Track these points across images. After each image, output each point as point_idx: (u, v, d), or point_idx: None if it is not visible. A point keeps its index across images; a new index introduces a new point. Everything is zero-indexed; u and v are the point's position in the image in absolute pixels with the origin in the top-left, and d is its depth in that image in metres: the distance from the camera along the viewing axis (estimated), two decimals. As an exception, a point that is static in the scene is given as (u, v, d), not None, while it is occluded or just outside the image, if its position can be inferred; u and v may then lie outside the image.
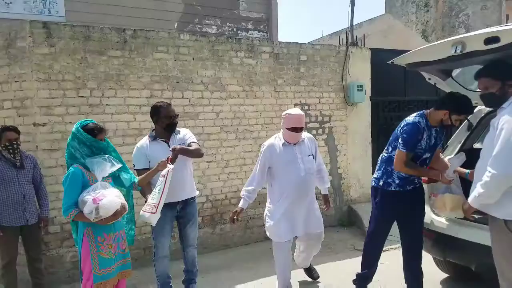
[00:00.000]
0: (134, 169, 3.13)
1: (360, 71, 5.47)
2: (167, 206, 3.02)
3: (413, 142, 2.78)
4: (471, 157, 2.64)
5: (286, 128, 3.19)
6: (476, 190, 2.17)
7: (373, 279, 3.22)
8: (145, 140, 3.20)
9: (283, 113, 3.29)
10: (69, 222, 3.79)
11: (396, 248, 4.49)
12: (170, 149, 2.99)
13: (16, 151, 3.35)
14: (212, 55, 4.66)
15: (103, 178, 2.52)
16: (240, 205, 3.29)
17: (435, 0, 15.90)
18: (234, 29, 8.63)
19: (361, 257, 3.23)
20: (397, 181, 2.93)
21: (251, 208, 4.97)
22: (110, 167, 2.52)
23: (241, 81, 4.87)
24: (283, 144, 3.25)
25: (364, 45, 5.73)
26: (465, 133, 3.42)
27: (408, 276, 3.09)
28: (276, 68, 5.08)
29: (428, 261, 3.45)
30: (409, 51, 3.06)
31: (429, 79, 3.10)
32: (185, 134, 3.27)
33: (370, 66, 5.52)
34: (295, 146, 3.27)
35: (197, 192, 3.39)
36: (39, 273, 3.49)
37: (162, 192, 2.77)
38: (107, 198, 2.40)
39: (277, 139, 3.30)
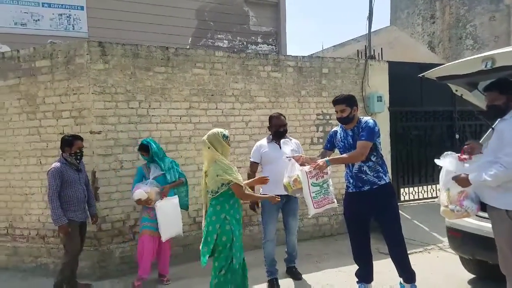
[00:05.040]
0: (250, 160, 4.31)
1: (379, 82, 6.23)
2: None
3: (327, 141, 3.79)
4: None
5: None
6: (483, 176, 2.81)
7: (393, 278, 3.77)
8: (263, 141, 4.33)
9: None
10: (118, 220, 4.55)
11: (420, 252, 5.19)
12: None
13: (81, 157, 4.07)
14: (243, 70, 5.43)
15: (154, 177, 4.20)
16: None
17: (442, 11, 16.74)
18: (244, 43, 9.51)
19: (385, 259, 3.80)
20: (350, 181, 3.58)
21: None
22: (157, 173, 4.26)
23: (268, 93, 5.62)
24: None
25: (382, 58, 6.53)
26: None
27: (394, 263, 3.58)
28: (300, 81, 5.84)
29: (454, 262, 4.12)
30: (424, 63, 3.75)
31: (456, 90, 3.73)
32: (298, 146, 4.29)
33: (388, 78, 6.32)
34: None
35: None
36: (77, 264, 4.14)
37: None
38: (137, 191, 4.10)
39: None
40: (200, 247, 3.19)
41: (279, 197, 3.56)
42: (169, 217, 4.12)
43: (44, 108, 4.61)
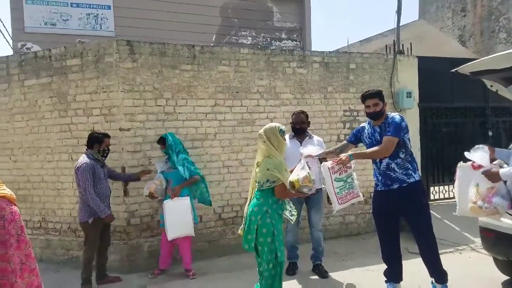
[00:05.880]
0: None
1: (408, 78, 6.11)
2: None
3: (352, 135, 3.77)
4: None
5: None
6: None
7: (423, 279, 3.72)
8: (286, 136, 4.24)
9: None
10: (147, 215, 4.64)
11: (451, 252, 5.09)
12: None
13: (107, 154, 4.19)
14: (268, 66, 5.43)
15: (161, 171, 4.43)
16: None
17: (473, 4, 16.19)
18: (268, 39, 9.50)
19: (415, 259, 3.74)
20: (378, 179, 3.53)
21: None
22: (160, 167, 4.47)
23: (293, 89, 5.60)
24: None
25: (411, 53, 6.40)
26: None
27: (425, 262, 3.52)
28: (326, 76, 5.79)
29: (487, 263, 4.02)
30: (455, 58, 3.64)
31: (491, 86, 3.65)
32: (320, 143, 4.27)
33: (418, 73, 6.18)
34: None
35: (323, 186, 4.03)
36: (106, 258, 4.31)
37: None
38: (146, 186, 4.37)
39: None
40: (243, 232, 3.28)
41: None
42: (176, 217, 4.19)
43: (75, 105, 4.77)
